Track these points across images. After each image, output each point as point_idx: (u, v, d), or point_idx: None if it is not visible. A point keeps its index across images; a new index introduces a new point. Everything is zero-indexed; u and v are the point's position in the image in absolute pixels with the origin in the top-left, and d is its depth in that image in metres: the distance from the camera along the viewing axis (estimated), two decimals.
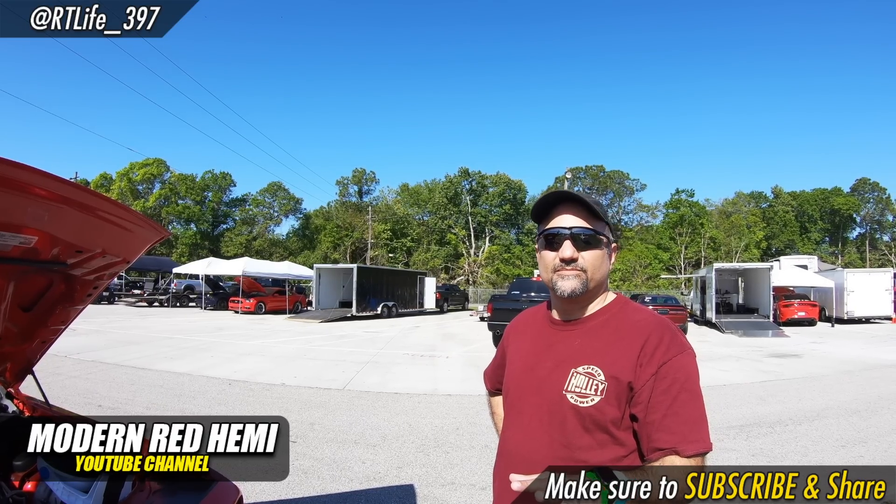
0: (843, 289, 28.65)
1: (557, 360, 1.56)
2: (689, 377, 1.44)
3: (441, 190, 72.67)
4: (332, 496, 4.83)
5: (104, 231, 2.16)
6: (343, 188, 79.58)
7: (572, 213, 1.55)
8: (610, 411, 1.44)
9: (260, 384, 10.05)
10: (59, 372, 10.22)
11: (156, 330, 19.57)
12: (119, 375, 10.35)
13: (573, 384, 1.49)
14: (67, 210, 1.93)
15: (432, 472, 5.53)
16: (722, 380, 11.34)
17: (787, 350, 17.04)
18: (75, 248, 2.14)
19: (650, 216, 75.27)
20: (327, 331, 21.94)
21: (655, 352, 1.44)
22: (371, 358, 14.00)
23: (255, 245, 70.55)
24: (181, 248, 68.20)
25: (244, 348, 15.36)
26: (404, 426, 7.33)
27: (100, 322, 21.39)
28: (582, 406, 1.46)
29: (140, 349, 14.19)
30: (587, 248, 1.54)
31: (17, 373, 2.86)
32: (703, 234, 66.95)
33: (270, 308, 31.87)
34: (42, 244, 2.01)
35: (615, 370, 1.45)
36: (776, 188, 75.96)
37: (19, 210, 1.80)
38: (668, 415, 1.39)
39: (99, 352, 13.27)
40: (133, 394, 8.81)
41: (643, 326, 1.51)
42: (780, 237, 70.93)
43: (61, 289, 2.45)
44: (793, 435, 7.07)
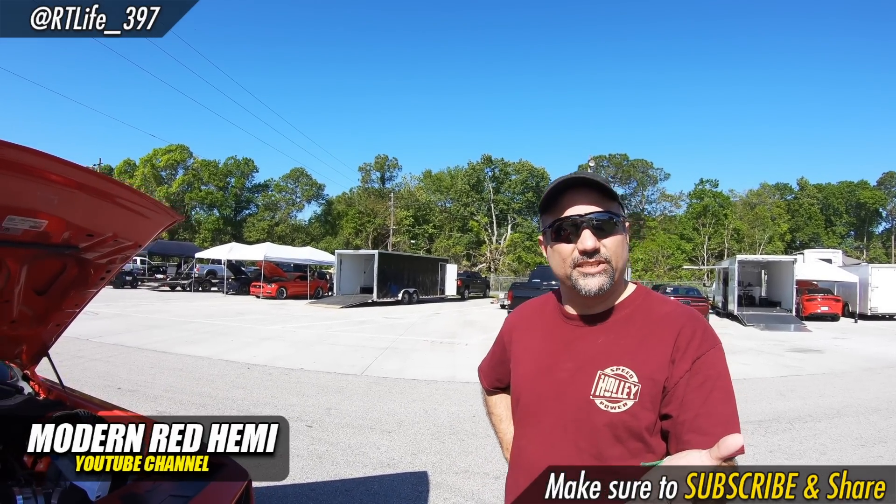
0: (867, 284, 28.12)
1: (580, 361, 1.41)
2: (721, 373, 1.32)
3: (464, 177, 72.52)
4: (346, 481, 4.86)
5: (115, 215, 2.16)
6: (366, 174, 79.78)
7: (586, 198, 1.39)
8: (645, 416, 1.32)
9: (278, 369, 10.14)
10: (81, 355, 10.39)
11: (177, 314, 19.81)
12: (139, 359, 10.51)
13: (602, 388, 1.35)
14: (77, 194, 1.94)
15: (446, 460, 5.54)
16: (742, 373, 11.20)
17: (809, 345, 16.82)
18: (86, 231, 2.14)
19: (674, 206, 74.65)
20: (347, 316, 22.06)
21: (689, 346, 1.33)
22: (390, 344, 14.07)
23: (278, 230, 71.05)
24: (204, 233, 69.02)
25: (264, 333, 15.50)
26: (420, 413, 7.35)
27: (122, 306, 21.75)
28: (614, 412, 1.33)
29: (161, 333, 14.38)
30: (608, 235, 1.38)
31: (32, 355, 2.90)
32: (726, 225, 66.20)
33: (292, 293, 32.10)
34: (52, 228, 2.02)
35: (649, 370, 1.33)
36: (802, 180, 74.71)
37: (28, 194, 1.82)
38: (700, 414, 1.27)
39: (120, 335, 13.48)
40: (152, 377, 8.93)
41: (674, 319, 1.39)
42: (805, 230, 69.76)
43: (74, 272, 2.47)
44: (812, 432, 6.98)
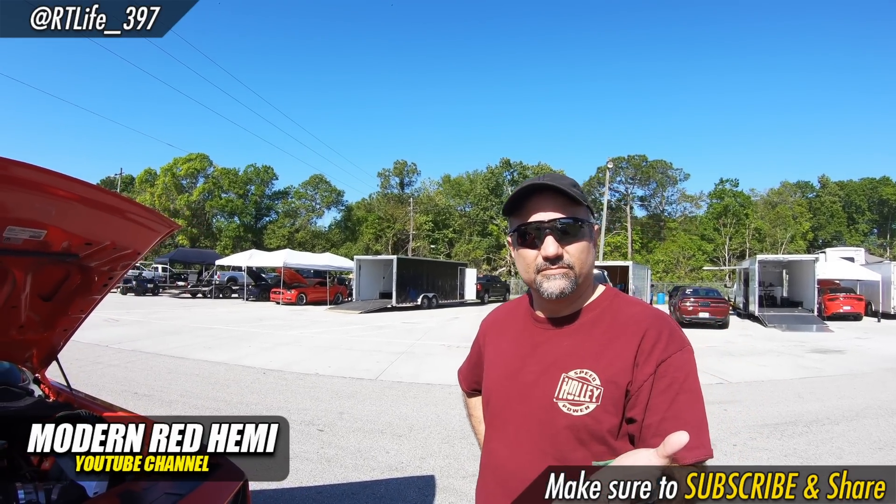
0: (890, 282, 27.51)
1: (545, 363, 1.42)
2: (688, 376, 1.31)
3: (483, 181, 72.50)
4: (353, 485, 4.91)
5: (112, 225, 2.25)
6: (384, 180, 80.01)
7: (551, 203, 1.39)
8: (607, 419, 1.32)
9: (294, 373, 10.23)
10: (100, 361, 10.60)
11: (197, 320, 20.07)
12: (157, 364, 10.67)
13: (565, 391, 1.36)
14: (74, 205, 2.04)
15: (454, 464, 5.56)
16: (760, 375, 11.10)
17: (830, 346, 16.55)
18: (85, 240, 2.24)
19: (694, 206, 73.72)
20: (366, 321, 22.17)
21: (654, 348, 1.32)
22: (407, 349, 14.13)
23: (298, 237, 71.51)
24: (224, 240, 69.67)
25: (282, 338, 15.64)
26: (432, 417, 7.38)
27: (143, 313, 22.07)
28: (576, 415, 1.33)
29: (180, 339, 14.58)
30: (571, 240, 1.39)
31: (42, 359, 3.00)
32: (747, 224, 65.31)
33: (311, 299, 32.35)
34: (52, 237, 2.13)
35: (612, 373, 1.33)
36: (823, 178, 73.30)
37: (27, 206, 1.92)
38: (666, 418, 1.26)
39: (139, 341, 13.68)
40: (169, 382, 9.07)
41: (639, 321, 1.38)
42: (827, 228, 68.46)
43: (78, 279, 2.57)
44: (829, 435, 6.87)
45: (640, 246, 69.91)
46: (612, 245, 66.34)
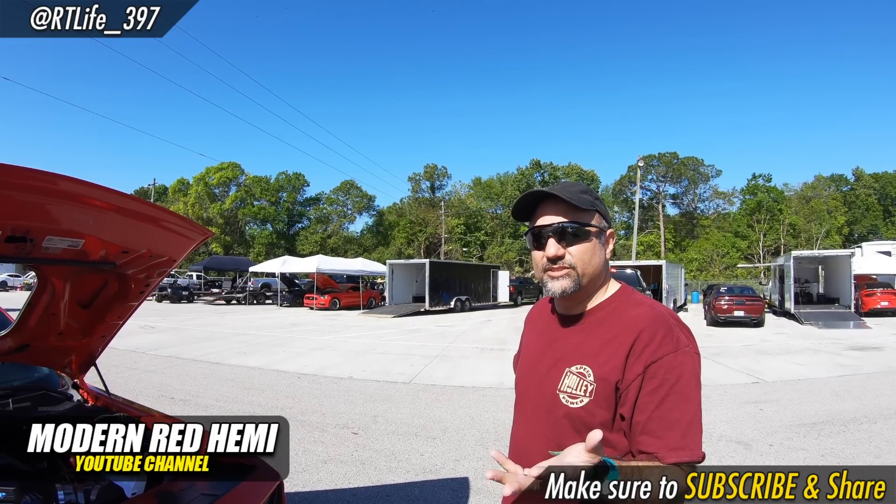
0: None
1: (556, 357, 1.55)
2: (680, 378, 1.36)
3: (513, 182, 72.57)
4: (387, 487, 4.93)
5: (148, 233, 2.30)
6: (415, 184, 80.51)
7: (554, 209, 1.52)
8: (599, 413, 1.41)
9: (328, 378, 10.30)
10: (136, 367, 10.82)
11: (232, 327, 20.32)
12: (193, 370, 10.85)
13: (566, 384, 1.47)
14: (111, 215, 2.08)
15: (488, 466, 5.46)
16: (797, 374, 10.87)
17: (868, 342, 16.12)
18: (121, 249, 2.29)
19: (727, 203, 72.85)
20: (399, 325, 22.25)
21: (645, 350, 1.38)
22: (440, 352, 14.14)
23: (330, 243, 72.22)
24: (258, 247, 70.64)
25: (316, 343, 15.77)
26: (466, 419, 7.37)
27: (178, 320, 22.47)
28: (572, 407, 1.45)
29: (215, 345, 14.79)
30: (574, 241, 1.50)
31: (80, 365, 3.07)
32: (781, 220, 64.22)
33: (344, 304, 32.50)
34: (90, 247, 2.17)
35: (605, 371, 1.42)
36: (857, 170, 71.41)
37: (65, 217, 1.98)
38: (653, 418, 1.34)
39: (175, 348, 13.93)
40: (205, 387, 9.21)
41: (638, 322, 1.44)
42: (863, 222, 66.75)
43: (115, 287, 2.63)
44: (866, 434, 6.70)
45: (673, 244, 69.09)
46: (645, 244, 65.72)
